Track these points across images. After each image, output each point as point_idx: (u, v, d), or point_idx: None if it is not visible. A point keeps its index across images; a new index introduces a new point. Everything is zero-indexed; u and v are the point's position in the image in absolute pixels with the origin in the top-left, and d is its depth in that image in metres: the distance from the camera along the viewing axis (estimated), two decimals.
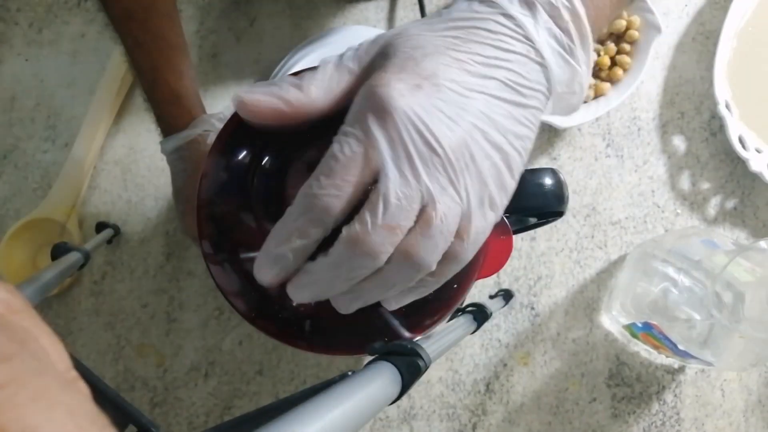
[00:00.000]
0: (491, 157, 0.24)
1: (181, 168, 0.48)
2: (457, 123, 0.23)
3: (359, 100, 0.24)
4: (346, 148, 0.23)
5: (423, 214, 0.23)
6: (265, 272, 0.24)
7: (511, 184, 0.25)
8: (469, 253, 0.25)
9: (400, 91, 0.23)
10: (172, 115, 0.47)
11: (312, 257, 0.24)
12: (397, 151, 0.22)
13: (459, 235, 0.24)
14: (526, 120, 0.25)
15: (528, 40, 0.25)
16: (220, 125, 0.49)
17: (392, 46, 0.24)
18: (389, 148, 0.22)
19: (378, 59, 0.25)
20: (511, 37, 0.24)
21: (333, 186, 0.23)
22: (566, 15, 0.25)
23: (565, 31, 0.25)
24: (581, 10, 0.25)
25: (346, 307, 0.26)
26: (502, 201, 0.25)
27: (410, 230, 0.23)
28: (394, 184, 0.22)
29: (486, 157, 0.23)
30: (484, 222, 0.24)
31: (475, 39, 0.24)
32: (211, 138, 0.49)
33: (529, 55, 0.25)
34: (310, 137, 0.33)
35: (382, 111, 0.22)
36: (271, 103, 0.25)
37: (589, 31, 0.26)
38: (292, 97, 0.25)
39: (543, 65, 0.25)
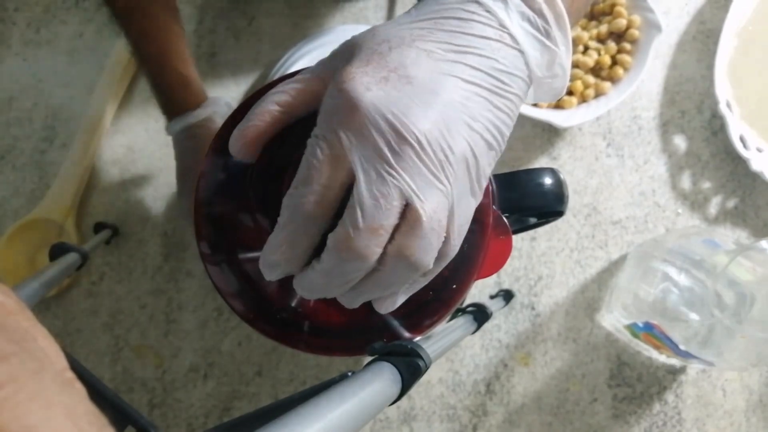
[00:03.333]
0: (469, 145, 0.23)
1: (191, 146, 0.49)
2: (429, 113, 0.22)
3: (327, 100, 0.23)
4: (317, 152, 0.22)
5: (410, 212, 0.22)
6: (267, 274, 0.25)
7: (488, 172, 0.24)
8: (456, 247, 0.24)
9: (366, 85, 0.22)
10: (181, 98, 0.49)
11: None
12: (368, 147, 0.22)
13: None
14: (504, 106, 0.24)
15: (501, 26, 0.24)
16: (227, 109, 0.51)
17: (357, 45, 0.24)
18: (359, 145, 0.22)
19: (344, 58, 0.24)
20: (482, 23, 0.24)
21: (311, 193, 0.22)
22: None
23: (539, 12, 0.24)
24: None
25: (350, 303, 0.26)
26: (481, 189, 0.24)
27: (400, 229, 0.22)
28: (367, 183, 0.22)
29: (464, 146, 0.23)
30: (467, 212, 0.24)
31: (444, 28, 0.24)
32: (220, 121, 0.50)
33: (503, 41, 0.24)
34: (305, 137, 0.32)
35: (349, 108, 0.22)
36: (256, 130, 0.26)
37: (564, 11, 0.25)
38: (268, 117, 0.26)
39: (520, 50, 0.24)
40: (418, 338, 0.31)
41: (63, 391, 0.12)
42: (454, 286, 0.31)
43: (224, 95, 0.63)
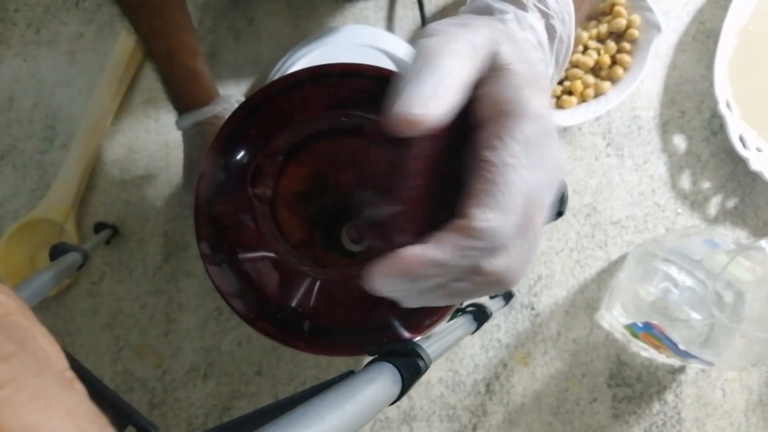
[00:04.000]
0: None
1: (199, 142, 0.50)
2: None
3: (527, 120, 0.21)
4: (526, 177, 0.21)
5: None
6: (388, 291, 0.22)
7: None
8: None
9: (553, 116, 0.23)
10: (191, 93, 0.49)
11: None
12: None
13: None
14: None
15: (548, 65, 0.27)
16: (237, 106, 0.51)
17: (519, 49, 0.23)
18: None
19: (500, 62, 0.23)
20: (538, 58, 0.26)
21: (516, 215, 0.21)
22: (561, 47, 0.28)
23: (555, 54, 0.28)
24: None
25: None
26: None
27: None
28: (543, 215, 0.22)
29: None
30: None
31: (533, 57, 0.26)
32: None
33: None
34: (306, 137, 0.33)
35: (549, 137, 0.21)
36: (449, 106, 0.21)
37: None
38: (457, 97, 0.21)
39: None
40: (417, 338, 0.31)
41: (63, 391, 0.12)
42: None
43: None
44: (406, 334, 0.31)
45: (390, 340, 0.30)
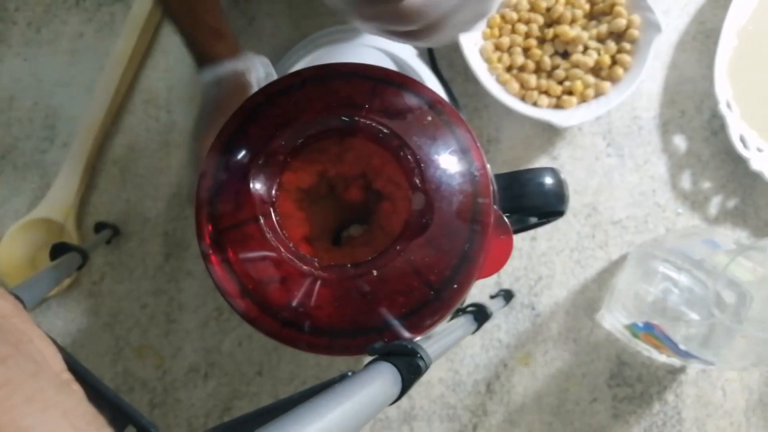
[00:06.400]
0: None
1: (215, 93, 0.49)
2: None
3: None
4: None
5: None
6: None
7: None
8: None
9: None
10: (216, 51, 0.49)
11: None
12: None
13: None
14: None
15: None
16: (262, 69, 0.51)
17: None
18: None
19: None
20: None
21: None
22: None
23: None
24: None
25: None
26: None
27: None
28: None
29: None
30: None
31: None
32: (252, 76, 0.50)
33: None
34: (309, 137, 0.33)
35: None
36: None
37: None
38: None
39: None
40: (418, 338, 0.31)
41: (60, 393, 0.12)
42: (455, 286, 0.31)
43: None
44: (407, 334, 0.31)
45: (390, 339, 0.30)
